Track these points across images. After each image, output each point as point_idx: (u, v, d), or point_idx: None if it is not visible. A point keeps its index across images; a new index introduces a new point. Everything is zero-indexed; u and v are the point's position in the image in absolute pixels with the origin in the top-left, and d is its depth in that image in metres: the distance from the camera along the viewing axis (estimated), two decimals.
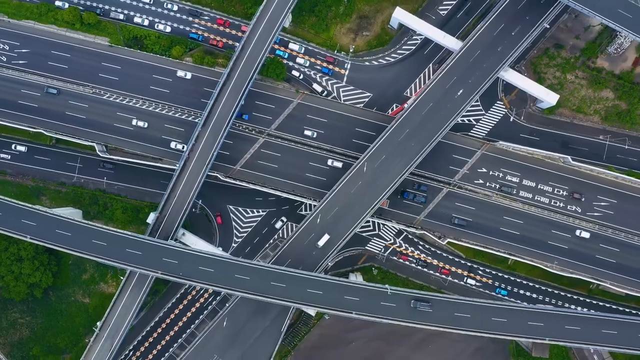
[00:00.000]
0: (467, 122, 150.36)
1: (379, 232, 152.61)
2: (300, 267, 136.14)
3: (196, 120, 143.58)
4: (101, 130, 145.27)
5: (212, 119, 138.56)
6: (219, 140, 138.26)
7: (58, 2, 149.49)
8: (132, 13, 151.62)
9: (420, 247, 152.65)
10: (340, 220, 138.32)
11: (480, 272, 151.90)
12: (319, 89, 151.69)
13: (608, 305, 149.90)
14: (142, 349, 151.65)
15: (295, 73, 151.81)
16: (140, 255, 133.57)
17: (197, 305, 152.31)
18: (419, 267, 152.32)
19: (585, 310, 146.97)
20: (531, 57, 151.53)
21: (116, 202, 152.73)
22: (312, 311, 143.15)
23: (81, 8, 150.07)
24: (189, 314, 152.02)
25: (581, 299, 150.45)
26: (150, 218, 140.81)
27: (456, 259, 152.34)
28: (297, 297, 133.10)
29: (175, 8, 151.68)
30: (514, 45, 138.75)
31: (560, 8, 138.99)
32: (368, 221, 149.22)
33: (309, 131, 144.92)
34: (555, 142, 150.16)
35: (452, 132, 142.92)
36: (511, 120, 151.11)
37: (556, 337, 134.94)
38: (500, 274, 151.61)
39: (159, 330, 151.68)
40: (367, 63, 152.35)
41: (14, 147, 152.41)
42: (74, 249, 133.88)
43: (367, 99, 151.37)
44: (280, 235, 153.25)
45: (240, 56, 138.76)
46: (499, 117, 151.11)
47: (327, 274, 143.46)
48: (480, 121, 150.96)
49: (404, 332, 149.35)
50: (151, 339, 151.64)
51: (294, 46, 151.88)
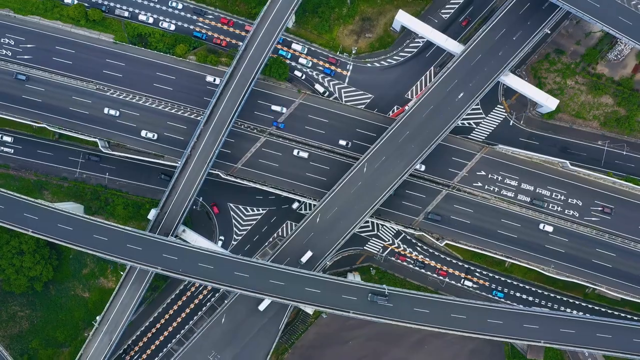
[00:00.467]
0: (467, 125, 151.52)
1: (378, 233, 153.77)
2: (299, 266, 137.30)
3: (198, 118, 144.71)
4: (104, 126, 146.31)
5: (214, 118, 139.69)
6: (221, 139, 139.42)
7: None
8: (137, 11, 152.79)
9: (418, 248, 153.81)
10: (340, 220, 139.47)
11: (477, 274, 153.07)
12: (320, 89, 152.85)
13: (603, 309, 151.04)
14: (141, 343, 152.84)
15: (297, 73, 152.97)
16: (141, 251, 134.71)
17: (196, 301, 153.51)
18: (416, 268, 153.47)
19: (581, 314, 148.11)
20: (532, 62, 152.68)
21: (117, 198, 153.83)
22: (309, 309, 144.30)
23: (87, 5, 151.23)
24: (187, 310, 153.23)
25: (577, 302, 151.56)
26: (151, 214, 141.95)
27: (454, 261, 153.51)
28: (295, 295, 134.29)
29: (180, 6, 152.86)
30: (514, 50, 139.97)
31: (562, 14, 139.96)
32: (367, 221, 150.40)
33: (343, 141, 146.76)
34: (554, 146, 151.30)
35: (452, 134, 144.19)
36: (511, 124, 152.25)
37: (551, 339, 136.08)
38: (497, 277, 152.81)
39: (158, 325, 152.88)
40: (369, 65, 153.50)
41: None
42: (75, 244, 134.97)
43: (368, 100, 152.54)
44: (280, 234, 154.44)
45: (244, 55, 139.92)
46: (499, 121, 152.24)
47: (325, 273, 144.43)
48: (480, 124, 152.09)
49: (400, 332, 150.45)
50: (150, 334, 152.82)
51: (296, 46, 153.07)
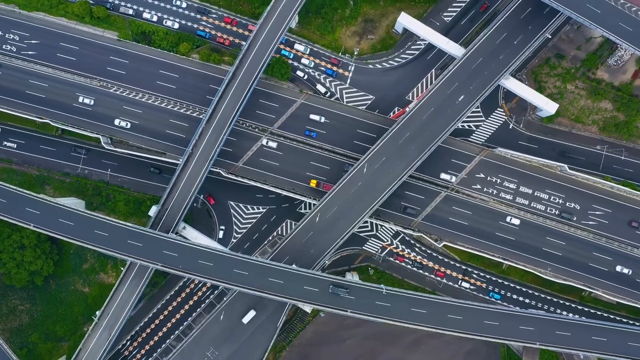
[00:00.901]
0: (467, 127, 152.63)
1: (377, 233, 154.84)
2: (298, 264, 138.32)
3: (200, 116, 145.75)
4: (107, 123, 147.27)
5: (216, 116, 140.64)
6: (223, 137, 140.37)
7: None
8: (141, 8, 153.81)
9: (416, 249, 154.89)
10: (339, 219, 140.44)
11: (474, 275, 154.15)
12: (322, 89, 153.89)
13: (599, 312, 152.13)
14: (140, 339, 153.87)
15: (299, 73, 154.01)
16: (141, 247, 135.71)
17: (195, 298, 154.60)
18: (414, 269, 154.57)
19: (577, 316, 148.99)
20: (532, 66, 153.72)
21: (119, 194, 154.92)
22: (308, 308, 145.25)
23: (91, 2, 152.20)
24: (186, 307, 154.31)
25: (573, 305, 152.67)
26: (152, 211, 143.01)
27: (451, 262, 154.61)
28: (294, 293, 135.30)
29: (184, 5, 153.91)
30: (515, 54, 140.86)
31: (563, 19, 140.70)
32: (366, 221, 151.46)
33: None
34: (553, 150, 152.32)
35: (452, 137, 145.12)
36: (510, 127, 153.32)
37: (547, 342, 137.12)
38: (494, 278, 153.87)
39: (157, 321, 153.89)
40: (370, 66, 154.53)
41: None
42: (76, 239, 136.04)
43: (369, 102, 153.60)
44: (279, 233, 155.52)
45: (247, 55, 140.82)
46: (499, 124, 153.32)
47: (324, 272, 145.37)
48: (480, 127, 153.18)
49: (397, 332, 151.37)
50: (149, 330, 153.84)
51: (299, 47, 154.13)
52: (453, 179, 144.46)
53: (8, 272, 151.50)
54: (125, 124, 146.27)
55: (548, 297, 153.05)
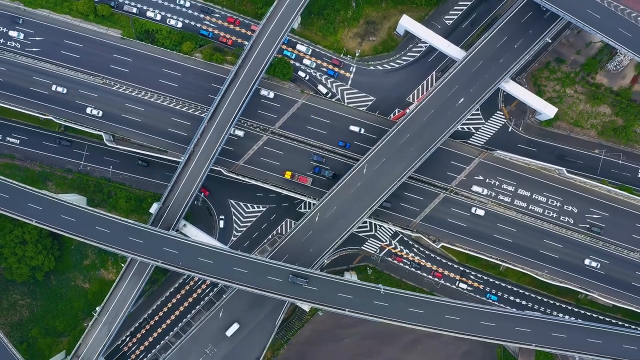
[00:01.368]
0: (466, 130, 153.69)
1: (376, 233, 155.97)
2: (297, 263, 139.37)
3: (202, 115, 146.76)
4: (109, 120, 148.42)
5: (218, 115, 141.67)
6: (224, 136, 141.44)
7: None
8: (145, 7, 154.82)
9: (415, 249, 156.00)
10: (339, 219, 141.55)
11: (472, 276, 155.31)
12: (323, 90, 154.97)
13: (595, 315, 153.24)
14: (139, 335, 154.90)
15: (301, 74, 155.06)
16: (142, 244, 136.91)
17: (195, 295, 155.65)
18: (412, 269, 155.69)
19: (573, 319, 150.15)
20: (532, 69, 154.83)
21: (120, 191, 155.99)
22: (306, 307, 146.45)
23: (96, 0, 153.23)
24: (186, 304, 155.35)
25: (569, 308, 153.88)
26: (153, 208, 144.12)
27: (449, 263, 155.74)
28: (292, 292, 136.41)
29: (188, 4, 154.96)
30: (515, 57, 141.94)
31: (563, 24, 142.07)
32: (365, 222, 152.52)
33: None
34: (552, 153, 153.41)
35: (452, 139, 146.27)
36: (510, 130, 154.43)
37: (543, 343, 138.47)
38: (491, 280, 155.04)
39: (156, 318, 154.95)
40: (372, 67, 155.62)
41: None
42: (77, 235, 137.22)
43: (370, 103, 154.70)
44: (279, 232, 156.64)
45: (249, 55, 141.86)
46: (498, 127, 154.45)
47: (322, 271, 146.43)
48: (480, 130, 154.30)
49: (395, 331, 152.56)
50: (148, 327, 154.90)
51: (301, 47, 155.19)
52: (485, 191, 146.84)
53: (9, 267, 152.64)
54: (97, 112, 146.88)
55: (544, 299, 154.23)
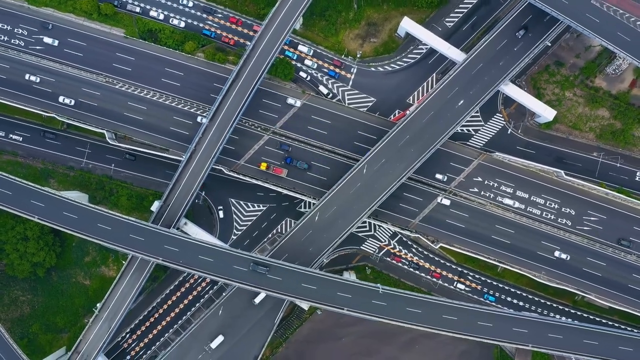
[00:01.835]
0: (466, 131, 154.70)
1: (375, 233, 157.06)
2: (296, 262, 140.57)
3: (204, 114, 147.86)
4: (112, 118, 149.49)
5: (220, 114, 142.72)
6: (225, 135, 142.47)
7: None
8: (148, 6, 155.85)
9: (413, 250, 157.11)
10: (338, 219, 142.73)
11: (470, 277, 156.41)
12: (324, 91, 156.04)
13: (592, 317, 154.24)
14: (139, 332, 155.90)
15: (302, 74, 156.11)
16: (143, 241, 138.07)
17: (194, 293, 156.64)
18: (411, 269, 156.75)
19: (569, 320, 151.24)
20: (532, 72, 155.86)
21: (122, 189, 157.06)
22: (305, 305, 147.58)
23: None
24: (185, 302, 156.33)
25: (566, 309, 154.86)
26: (155, 206, 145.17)
27: (447, 264, 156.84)
28: (292, 290, 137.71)
29: (191, 4, 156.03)
30: (515, 60, 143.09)
31: (563, 27, 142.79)
32: (364, 222, 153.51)
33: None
34: (550, 156, 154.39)
35: (451, 140, 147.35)
36: (509, 132, 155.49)
37: (539, 344, 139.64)
38: (489, 281, 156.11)
39: (156, 315, 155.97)
40: (372, 69, 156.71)
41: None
42: (79, 232, 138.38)
43: (370, 104, 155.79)
44: (279, 231, 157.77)
45: (251, 55, 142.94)
46: (497, 129, 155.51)
47: (322, 270, 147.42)
48: (479, 132, 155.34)
49: (393, 331, 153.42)
50: (148, 323, 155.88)
51: (303, 48, 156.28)
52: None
53: (11, 263, 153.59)
54: (69, 101, 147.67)
55: (542, 301, 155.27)
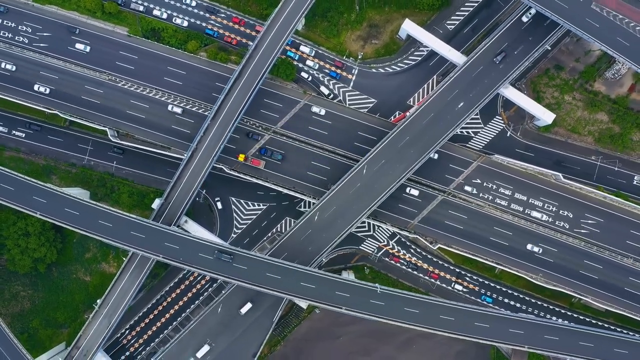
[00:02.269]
0: (465, 133, 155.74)
1: (374, 233, 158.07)
2: (295, 261, 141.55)
3: (206, 113, 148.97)
4: (114, 116, 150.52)
5: (221, 113, 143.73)
6: (227, 134, 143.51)
7: None
8: (151, 5, 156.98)
9: (412, 250, 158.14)
10: (337, 219, 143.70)
11: (467, 278, 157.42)
12: (325, 91, 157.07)
13: (588, 319, 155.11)
14: (138, 328, 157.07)
15: (304, 75, 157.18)
16: (144, 239, 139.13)
17: (194, 290, 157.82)
18: (409, 270, 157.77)
19: (566, 322, 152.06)
20: (532, 76, 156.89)
21: (123, 186, 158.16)
22: (303, 304, 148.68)
23: None
24: (185, 299, 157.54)
25: (562, 311, 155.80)
26: (156, 204, 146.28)
27: (445, 265, 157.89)
28: (290, 289, 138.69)
29: (194, 4, 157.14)
30: (515, 63, 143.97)
31: (563, 31, 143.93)
32: (364, 222, 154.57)
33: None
34: (549, 159, 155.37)
35: (451, 142, 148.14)
36: (508, 135, 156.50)
37: (535, 345, 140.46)
38: (486, 282, 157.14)
39: (156, 312, 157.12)
40: (374, 70, 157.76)
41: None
42: (81, 228, 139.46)
43: (371, 105, 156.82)
44: (279, 230, 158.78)
45: (253, 55, 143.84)
46: (497, 132, 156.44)
47: (320, 269, 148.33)
48: (478, 134, 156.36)
49: (391, 331, 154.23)
50: (147, 320, 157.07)
51: (305, 49, 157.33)
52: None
53: (12, 259, 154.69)
54: (44, 89, 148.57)
55: (539, 302, 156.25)
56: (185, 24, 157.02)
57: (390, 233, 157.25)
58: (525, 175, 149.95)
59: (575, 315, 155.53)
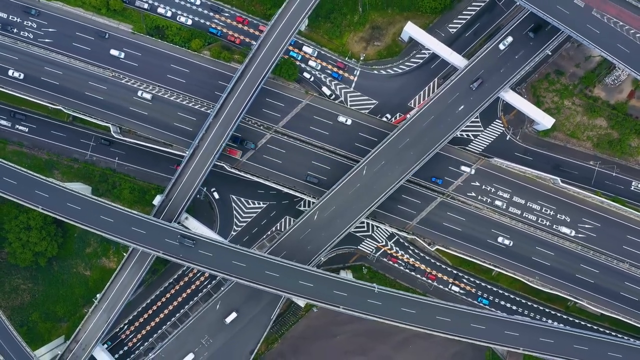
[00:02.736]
0: (465, 136, 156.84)
1: (372, 234, 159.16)
2: (294, 260, 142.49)
3: (208, 111, 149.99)
4: (117, 112, 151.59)
5: (224, 112, 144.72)
6: (229, 132, 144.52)
7: None
8: (156, 3, 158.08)
9: (410, 251, 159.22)
10: (337, 218, 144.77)
11: (464, 280, 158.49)
12: (327, 92, 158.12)
13: (583, 323, 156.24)
14: (137, 324, 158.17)
15: (306, 75, 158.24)
16: (144, 234, 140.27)
17: (193, 287, 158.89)
18: (406, 270, 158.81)
19: (561, 325, 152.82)
20: (532, 80, 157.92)
21: (125, 182, 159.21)
22: (301, 302, 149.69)
23: None
24: (184, 295, 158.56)
25: (558, 314, 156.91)
26: (157, 200, 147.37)
27: (443, 266, 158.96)
28: (289, 287, 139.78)
29: (198, 2, 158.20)
30: (516, 68, 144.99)
31: (564, 37, 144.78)
32: (362, 222, 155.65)
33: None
34: (548, 163, 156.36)
35: (450, 144, 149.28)
36: (507, 138, 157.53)
37: (530, 347, 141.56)
38: (483, 284, 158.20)
39: (155, 307, 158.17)
40: (375, 72, 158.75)
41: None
42: (82, 223, 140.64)
43: (372, 106, 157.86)
44: (278, 228, 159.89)
45: (256, 54, 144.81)
46: (496, 135, 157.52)
47: (319, 268, 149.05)
48: (478, 137, 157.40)
49: (387, 330, 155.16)
50: (146, 315, 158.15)
51: (307, 49, 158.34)
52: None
53: (13, 252, 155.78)
54: (18, 75, 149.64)
55: (534, 305, 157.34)
56: (190, 22, 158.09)
57: (388, 234, 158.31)
58: (523, 178, 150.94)
59: (570, 319, 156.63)
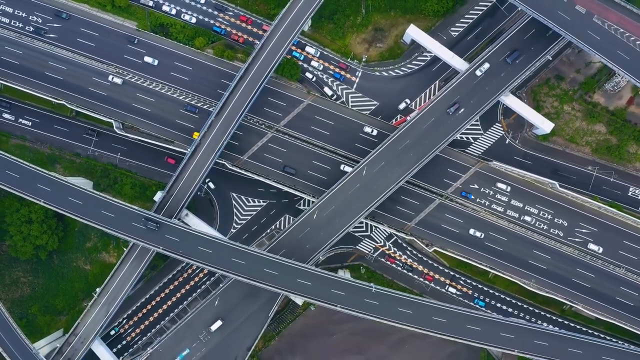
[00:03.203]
0: (465, 139, 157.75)
1: (371, 234, 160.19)
2: (293, 258, 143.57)
3: (211, 109, 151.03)
4: (120, 108, 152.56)
5: (226, 110, 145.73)
6: (230, 131, 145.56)
7: None
8: (161, 1, 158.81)
9: (408, 252, 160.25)
10: (336, 218, 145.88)
11: (461, 281, 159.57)
12: (329, 92, 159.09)
13: (578, 326, 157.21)
14: (136, 318, 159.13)
15: (308, 75, 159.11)
16: (145, 230, 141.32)
17: (192, 283, 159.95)
18: (404, 271, 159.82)
19: (556, 328, 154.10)
20: (532, 85, 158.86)
21: (126, 178, 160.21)
22: (299, 300, 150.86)
23: None
24: (183, 291, 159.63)
25: (553, 317, 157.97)
26: (158, 196, 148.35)
27: (440, 267, 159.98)
28: (287, 285, 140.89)
29: (202, 1, 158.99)
30: (516, 72, 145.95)
31: (564, 43, 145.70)
32: (361, 222, 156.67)
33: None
34: (546, 167, 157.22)
35: (450, 147, 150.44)
36: (507, 142, 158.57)
37: (525, 349, 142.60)
38: (480, 286, 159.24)
39: (153, 302, 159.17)
40: (377, 73, 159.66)
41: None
42: (83, 217, 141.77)
43: (373, 107, 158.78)
44: (277, 226, 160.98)
45: (259, 54, 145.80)
46: (496, 138, 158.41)
47: (317, 267, 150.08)
48: (478, 140, 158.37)
49: (384, 330, 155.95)
50: (145, 310, 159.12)
51: (310, 49, 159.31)
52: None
53: (14, 245, 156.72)
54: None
55: (530, 308, 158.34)
56: (194, 20, 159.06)
57: (387, 234, 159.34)
58: (522, 182, 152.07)
59: (565, 322, 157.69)
